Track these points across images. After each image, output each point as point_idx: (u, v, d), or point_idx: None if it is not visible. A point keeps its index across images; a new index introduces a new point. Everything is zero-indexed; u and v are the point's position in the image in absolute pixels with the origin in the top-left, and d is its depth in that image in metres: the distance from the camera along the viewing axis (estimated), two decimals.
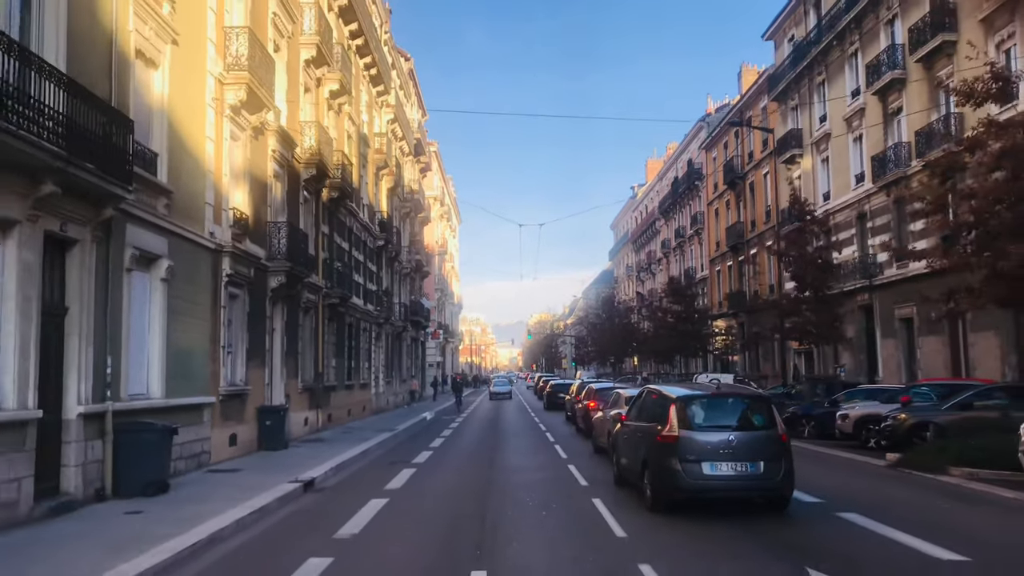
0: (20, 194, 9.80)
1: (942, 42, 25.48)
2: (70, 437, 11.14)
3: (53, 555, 8.19)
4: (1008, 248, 13.25)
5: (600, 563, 8.07)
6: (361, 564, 8.28)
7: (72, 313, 11.30)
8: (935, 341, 26.76)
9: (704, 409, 10.64)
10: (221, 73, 16.93)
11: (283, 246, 20.35)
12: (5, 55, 8.96)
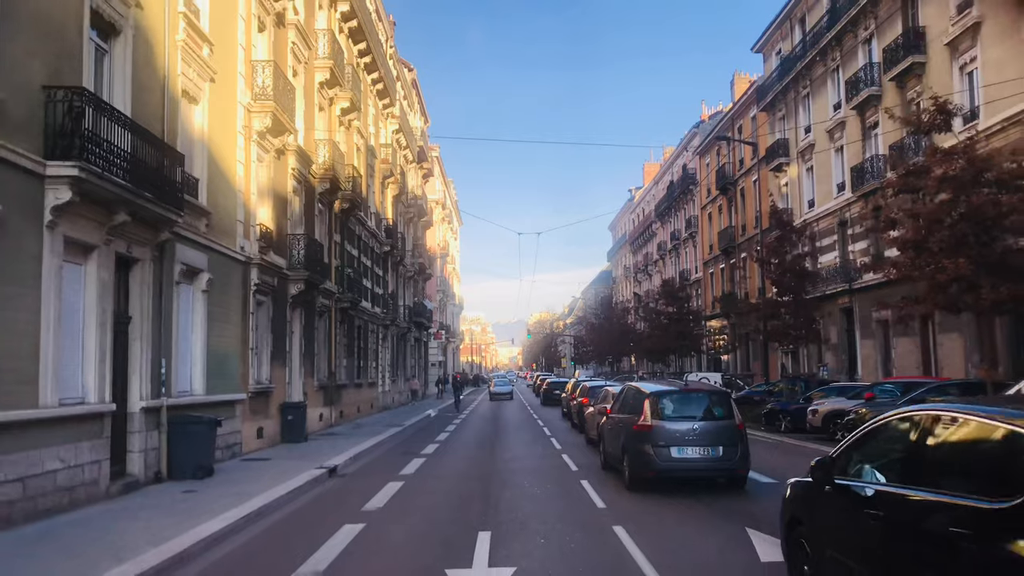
0: (99, 223, 11.69)
1: (912, 63, 27.31)
2: (134, 428, 13.05)
3: (142, 521, 10.07)
4: (945, 262, 15.14)
5: (581, 524, 10.02)
6: (389, 528, 10.18)
7: (134, 321, 13.21)
8: (908, 342, 28.62)
9: (673, 402, 12.60)
10: (249, 103, 18.83)
11: (301, 256, 22.25)
12: (91, 109, 10.83)
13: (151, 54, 13.77)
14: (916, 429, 5.06)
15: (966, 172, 15.66)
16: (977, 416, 4.56)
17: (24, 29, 10.04)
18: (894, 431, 5.47)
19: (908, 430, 5.20)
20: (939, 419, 4.90)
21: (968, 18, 24.39)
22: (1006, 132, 22.25)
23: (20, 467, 9.75)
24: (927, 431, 4.91)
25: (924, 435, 4.92)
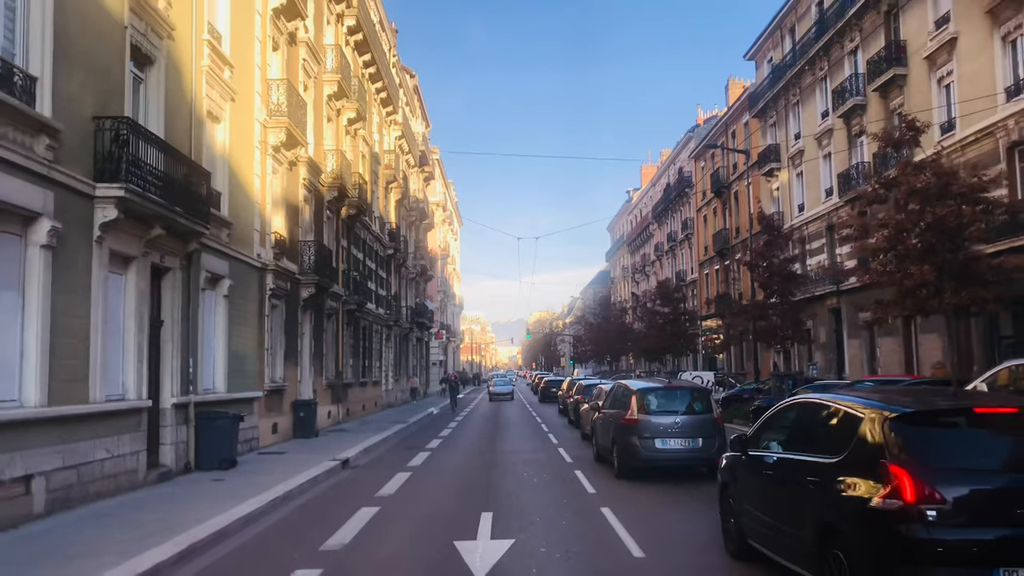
0: (138, 236, 12.95)
1: (894, 75, 28.56)
2: (166, 422, 14.30)
3: (181, 505, 11.31)
4: (912, 269, 16.40)
5: (573, 507, 11.31)
6: (401, 510, 11.44)
7: (166, 325, 14.47)
8: (891, 342, 29.88)
9: (658, 398, 13.90)
10: (265, 119, 20.08)
11: (312, 261, 23.50)
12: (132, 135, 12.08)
13: (180, 80, 15.02)
14: (796, 412, 7.20)
15: (933, 185, 16.91)
16: (826, 402, 6.65)
17: (78, 68, 11.29)
18: (785, 415, 7.49)
19: (792, 413, 7.35)
20: (808, 404, 7.09)
21: (945, 33, 25.63)
22: (980, 143, 23.54)
23: (75, 456, 11.01)
24: (801, 413, 7.04)
25: (799, 416, 7.04)
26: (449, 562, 8.16)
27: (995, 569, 5.09)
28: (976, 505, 5.27)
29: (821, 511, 6.11)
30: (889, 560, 5.28)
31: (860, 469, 5.74)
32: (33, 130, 10.15)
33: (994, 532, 5.17)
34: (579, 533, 9.56)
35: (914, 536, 5.15)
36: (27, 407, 10.04)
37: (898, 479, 5.32)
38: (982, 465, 5.52)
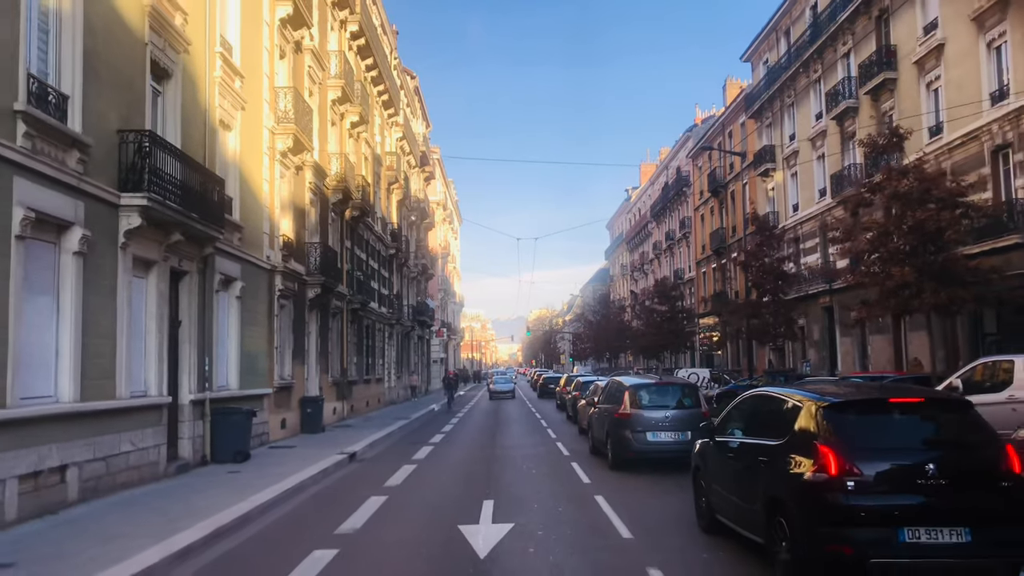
0: (158, 242, 13.71)
1: (884, 79, 29.29)
2: (184, 417, 15.08)
3: (202, 494, 12.09)
4: (893, 270, 17.18)
5: (568, 494, 12.10)
6: (408, 498, 12.22)
7: (183, 326, 15.24)
8: (882, 339, 30.64)
9: (649, 394, 14.69)
10: (273, 126, 20.83)
11: (318, 262, 24.27)
12: (154, 147, 12.83)
13: (195, 91, 15.77)
14: (753, 403, 8.31)
15: (915, 189, 17.67)
16: (776, 394, 7.87)
17: (104, 85, 12.04)
18: (745, 405, 8.66)
19: (751, 404, 8.48)
20: (763, 396, 8.25)
21: (933, 39, 26.37)
22: (966, 146, 24.28)
23: (104, 448, 11.79)
24: (757, 403, 8.17)
25: (756, 406, 8.16)
26: (454, 543, 8.94)
27: (901, 529, 6.21)
28: (887, 477, 6.39)
29: (769, 486, 7.23)
30: (818, 523, 6.39)
31: (798, 449, 6.88)
32: (66, 145, 10.92)
33: (901, 499, 6.30)
34: (574, 518, 10.35)
35: (837, 503, 6.29)
36: (62, 402, 10.82)
37: (825, 457, 6.47)
38: (893, 445, 6.68)
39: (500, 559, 8.14)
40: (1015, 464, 6.51)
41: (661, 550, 8.40)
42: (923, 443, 6.76)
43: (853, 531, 6.23)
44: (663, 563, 7.70)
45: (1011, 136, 22.27)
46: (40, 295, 10.57)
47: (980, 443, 6.82)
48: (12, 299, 9.65)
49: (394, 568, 8.02)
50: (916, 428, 6.94)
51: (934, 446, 6.74)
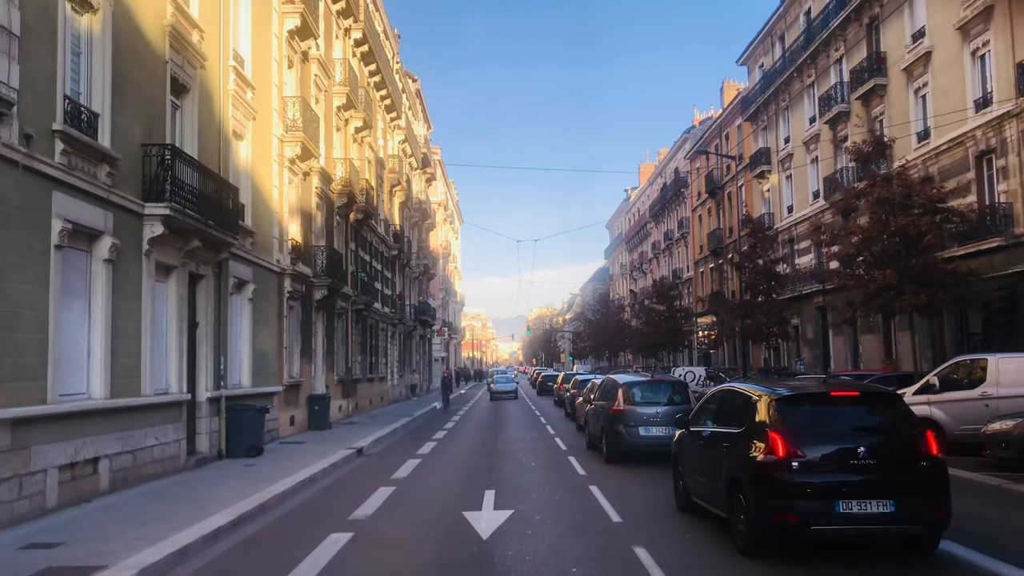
0: (178, 248, 14.54)
1: (875, 84, 30.09)
2: (201, 414, 15.91)
3: (224, 485, 12.91)
4: (876, 273, 18.01)
5: (565, 485, 12.97)
6: (415, 488, 13.06)
7: (200, 327, 16.07)
8: (872, 339, 31.46)
9: (642, 391, 15.55)
10: (282, 134, 21.66)
11: (324, 265, 25.10)
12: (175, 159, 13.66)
13: (210, 104, 16.60)
14: (722, 396, 9.50)
15: (897, 195, 18.50)
16: (740, 389, 9.06)
17: (130, 102, 12.87)
18: (714, 399, 9.92)
19: (719, 397, 9.68)
20: (729, 390, 9.46)
21: (921, 47, 27.18)
22: (952, 151, 25.10)
23: (131, 442, 12.62)
24: (724, 397, 9.35)
25: (723, 399, 9.32)
26: (459, 527, 9.77)
27: (837, 501, 7.40)
28: (826, 458, 7.61)
29: (730, 467, 8.43)
30: (768, 497, 7.60)
31: (755, 436, 8.06)
32: (97, 160, 11.74)
33: (837, 477, 7.50)
34: (569, 505, 11.19)
35: (783, 480, 7.52)
36: (94, 399, 11.66)
37: (774, 441, 7.70)
38: (832, 431, 7.91)
39: (501, 540, 8.97)
40: (933, 447, 7.74)
41: (647, 531, 9.23)
42: (857, 430, 7.94)
43: (797, 503, 7.43)
44: (648, 542, 8.52)
45: (994, 142, 23.08)
46: (74, 300, 11.40)
47: (905, 430, 8.00)
48: (52, 304, 10.49)
49: (405, 548, 8.84)
50: (852, 417, 8.17)
51: (866, 432, 7.92)
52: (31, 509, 9.93)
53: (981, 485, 12.32)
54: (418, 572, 7.78)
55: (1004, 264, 22.01)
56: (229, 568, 8.19)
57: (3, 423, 9.33)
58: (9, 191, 9.59)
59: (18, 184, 9.78)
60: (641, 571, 7.52)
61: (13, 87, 9.58)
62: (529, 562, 7.99)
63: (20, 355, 9.77)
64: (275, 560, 8.23)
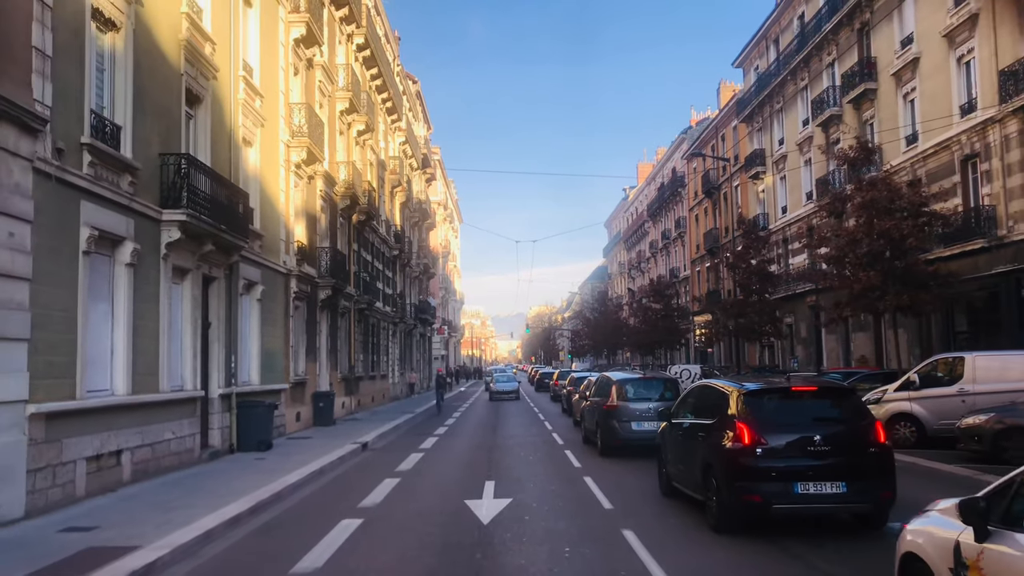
0: (192, 252, 15.27)
1: (865, 89, 30.81)
2: (213, 409, 16.64)
3: (238, 477, 13.64)
4: (860, 275, 18.75)
5: (561, 476, 13.74)
6: (419, 479, 13.81)
7: (213, 327, 16.80)
8: (864, 337, 32.20)
9: (634, 387, 16.34)
10: (288, 140, 22.37)
11: (328, 266, 25.82)
12: (190, 167, 14.38)
13: (221, 113, 17.32)
14: (699, 391, 10.47)
15: (882, 199, 19.24)
16: (714, 384, 10.08)
17: (149, 114, 13.59)
18: (692, 393, 10.95)
19: (697, 392, 10.66)
20: (705, 386, 10.48)
21: (909, 53, 27.90)
22: (938, 155, 25.84)
23: (150, 436, 13.35)
24: (700, 392, 10.32)
25: (700, 394, 10.30)
26: (461, 513, 10.51)
27: (795, 483, 8.46)
28: (786, 445, 8.66)
29: (705, 454, 9.46)
30: (736, 479, 8.65)
31: (725, 426, 9.10)
32: (120, 170, 12.46)
33: (796, 461, 8.55)
34: (564, 494, 11.93)
35: (748, 464, 8.59)
36: (117, 395, 12.39)
37: (740, 431, 8.78)
38: (792, 422, 8.97)
39: (500, 525, 9.71)
40: (880, 436, 8.88)
41: (635, 516, 9.99)
42: (814, 420, 8.97)
43: (761, 485, 8.49)
44: (635, 525, 9.28)
45: (978, 147, 23.81)
46: (99, 302, 12.13)
47: (857, 420, 9.07)
48: (80, 306, 11.21)
49: (412, 532, 9.57)
50: (810, 409, 9.27)
51: (822, 423, 8.92)
52: (63, 497, 10.67)
53: (953, 475, 13.06)
54: (424, 552, 8.51)
55: (988, 265, 22.77)
56: (251, 549, 8.92)
57: (39, 417, 10.06)
58: (43, 202, 10.31)
59: (51, 195, 10.51)
60: (627, 550, 8.27)
61: (47, 104, 10.32)
62: (526, 543, 8.74)
63: (53, 354, 10.50)
64: (293, 542, 8.96)
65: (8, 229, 9.51)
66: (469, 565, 7.91)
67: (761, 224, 41.24)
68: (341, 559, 8.23)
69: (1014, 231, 21.95)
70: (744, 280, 30.81)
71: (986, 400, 15.54)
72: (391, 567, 7.98)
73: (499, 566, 7.86)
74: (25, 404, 9.82)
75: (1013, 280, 22.05)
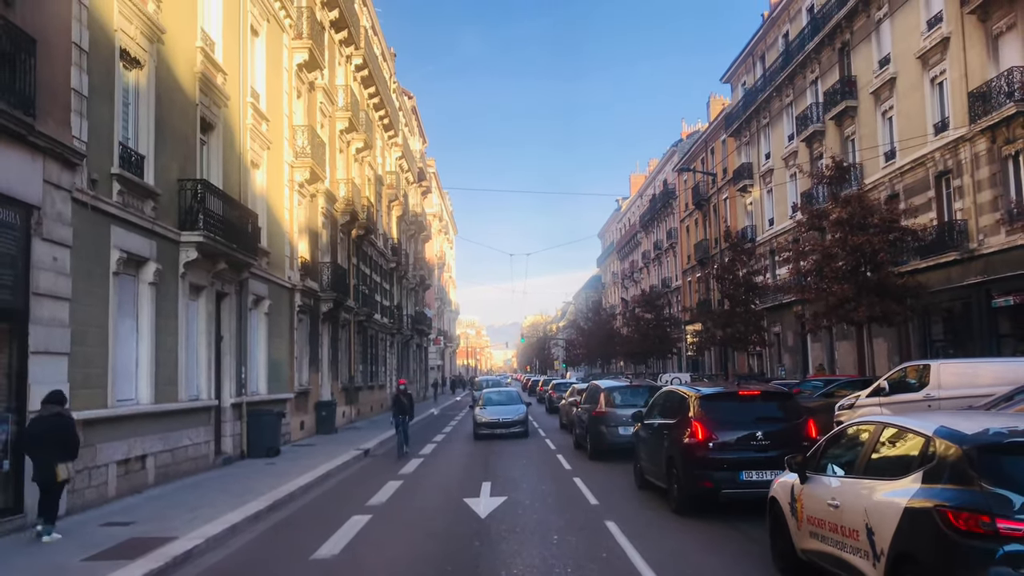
0: (207, 270, 16.32)
1: (846, 106, 32.00)
2: (226, 418, 17.66)
3: (252, 479, 14.65)
4: (834, 287, 19.89)
5: (552, 477, 14.85)
6: (420, 481, 14.85)
7: (225, 340, 17.84)
8: (847, 345, 33.29)
9: (621, 394, 17.47)
10: (292, 160, 23.45)
11: (329, 280, 26.87)
12: (206, 192, 15.44)
13: (232, 138, 18.40)
14: (665, 396, 11.80)
15: (856, 215, 20.40)
16: (677, 390, 11.41)
17: (168, 143, 14.67)
18: (662, 398, 12.22)
19: (664, 397, 12.01)
20: (670, 391, 11.82)
21: (887, 73, 29.10)
22: (914, 171, 27.01)
23: (171, 442, 14.38)
24: (667, 396, 11.51)
25: (667, 399, 11.65)
26: (461, 509, 11.57)
27: (740, 472, 10.16)
28: (733, 441, 10.37)
29: (668, 449, 11.12)
30: (692, 469, 10.38)
31: (685, 425, 10.77)
32: (144, 196, 13.53)
33: (741, 454, 10.26)
34: (554, 493, 13.00)
35: (703, 456, 10.34)
36: (142, 404, 13.43)
37: (695, 428, 10.51)
38: (739, 420, 10.65)
39: (496, 518, 10.78)
40: (812, 432, 10.34)
41: (617, 510, 11.11)
42: (757, 419, 10.66)
43: (712, 473, 10.20)
44: (616, 517, 10.42)
45: (951, 164, 24.99)
46: (126, 318, 13.18)
47: (793, 419, 10.81)
48: (111, 323, 12.26)
49: (417, 525, 10.62)
50: (754, 411, 10.98)
51: (763, 421, 10.61)
52: (97, 497, 11.70)
53: None
54: (429, 541, 9.56)
55: (961, 276, 23.91)
56: (273, 540, 9.96)
57: (78, 423, 11.04)
58: (80, 228, 11.37)
59: (86, 222, 11.57)
60: (609, 536, 9.38)
61: (83, 140, 11.39)
62: (519, 532, 9.81)
63: (88, 366, 11.54)
64: (310, 534, 10.01)
65: (52, 254, 10.57)
66: (469, 551, 8.97)
67: (749, 236, 42.44)
68: (355, 547, 9.29)
69: (984, 244, 23.11)
70: (731, 291, 31.92)
71: (950, 405, 16.56)
72: (399, 553, 9.03)
73: (496, 552, 8.90)
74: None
75: (983, 291, 23.20)
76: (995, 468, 5.00)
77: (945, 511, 5.00)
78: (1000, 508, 4.77)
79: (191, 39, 15.91)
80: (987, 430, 5.35)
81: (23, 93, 9.67)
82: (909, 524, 5.34)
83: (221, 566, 8.68)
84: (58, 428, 9.47)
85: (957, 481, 5.11)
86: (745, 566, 8.13)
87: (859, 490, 6.25)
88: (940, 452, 5.40)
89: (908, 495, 5.45)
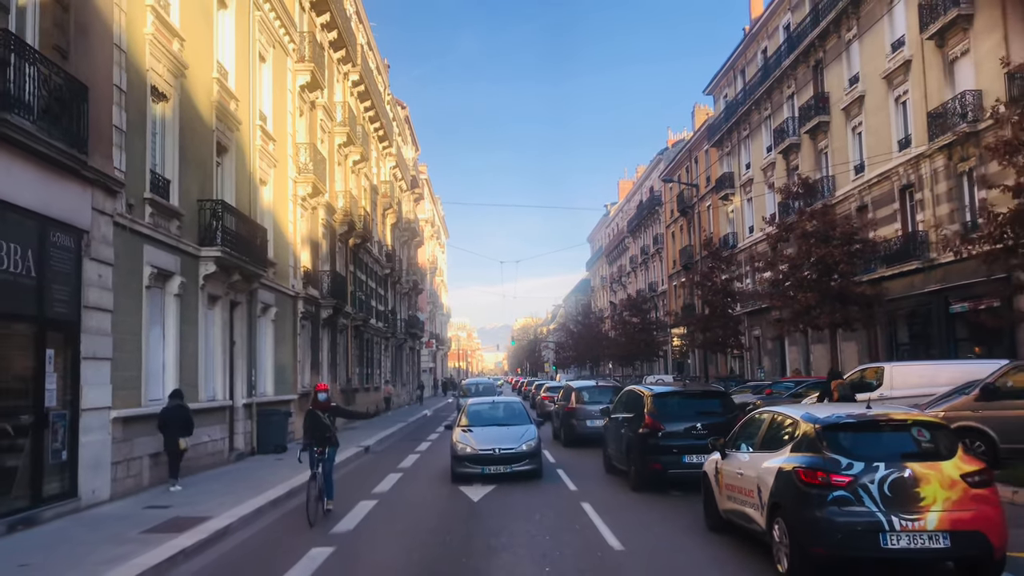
0: (222, 282, 17.84)
1: (819, 121, 33.73)
2: (238, 417, 19.17)
3: (266, 472, 16.15)
4: (799, 296, 21.59)
5: None
6: (418, 474, 16.43)
7: (237, 345, 19.36)
8: (821, 348, 34.95)
9: (589, 393, 19.92)
10: (295, 176, 24.99)
11: (329, 287, 28.39)
12: (222, 210, 16.95)
13: (243, 158, 19.93)
14: (628, 395, 13.64)
15: (819, 230, 22.10)
16: (635, 388, 13.65)
17: (189, 167, 16.21)
18: (625, 396, 14.26)
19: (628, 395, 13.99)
20: (631, 390, 13.87)
21: (856, 91, 30.85)
22: (881, 184, 28.75)
23: (192, 438, 15.80)
24: (630, 395, 13.36)
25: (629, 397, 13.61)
26: (456, 495, 13.17)
27: (684, 455, 12.54)
28: (678, 431, 12.75)
29: (628, 438, 13.42)
30: (645, 454, 12.76)
31: (640, 418, 12.46)
32: (170, 216, 15.06)
33: (684, 441, 12.66)
34: (539, 481, 14.58)
35: (654, 443, 12.76)
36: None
37: (648, 421, 12.74)
38: (683, 414, 13.20)
39: (487, 501, 12.42)
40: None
41: (591, 493, 12.87)
42: (698, 413, 13.16)
43: (661, 457, 12.61)
44: (591, 500, 12.10)
45: (913, 178, 26.73)
46: (155, 326, 14.70)
47: (727, 413, 13.11)
48: (143, 332, 13.78)
49: (419, 508, 12.20)
50: (695, 406, 13.58)
51: (703, 415, 13.04)
52: (134, 486, 13.22)
53: None
54: (430, 518, 11.15)
55: (922, 284, 25.64)
56: (294, 520, 11.52)
57: (118, 421, 12.61)
58: (119, 248, 12.90)
59: (124, 242, 13.10)
60: (582, 513, 11.09)
61: (122, 170, 12.91)
62: (507, 511, 11.43)
63: (126, 369, 13.06)
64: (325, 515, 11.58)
65: (98, 272, 12.10)
66: (464, 525, 10.59)
67: (731, 243, 44.17)
68: (367, 524, 10.89)
69: (943, 254, 24.86)
70: (710, 297, 33.58)
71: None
72: (404, 528, 10.63)
73: (486, 528, 10.49)
74: (109, 410, 12.37)
75: (942, 298, 24.93)
76: (833, 440, 7.13)
77: (799, 470, 7.11)
78: (833, 467, 6.88)
79: (208, 71, 17.44)
80: (832, 415, 7.49)
81: (78, 134, 11.19)
82: (780, 481, 7.45)
83: (256, 538, 10.25)
84: (180, 413, 13.52)
85: (809, 449, 7.25)
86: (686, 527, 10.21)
87: (755, 461, 8.39)
88: (802, 431, 7.53)
89: (781, 461, 7.55)
